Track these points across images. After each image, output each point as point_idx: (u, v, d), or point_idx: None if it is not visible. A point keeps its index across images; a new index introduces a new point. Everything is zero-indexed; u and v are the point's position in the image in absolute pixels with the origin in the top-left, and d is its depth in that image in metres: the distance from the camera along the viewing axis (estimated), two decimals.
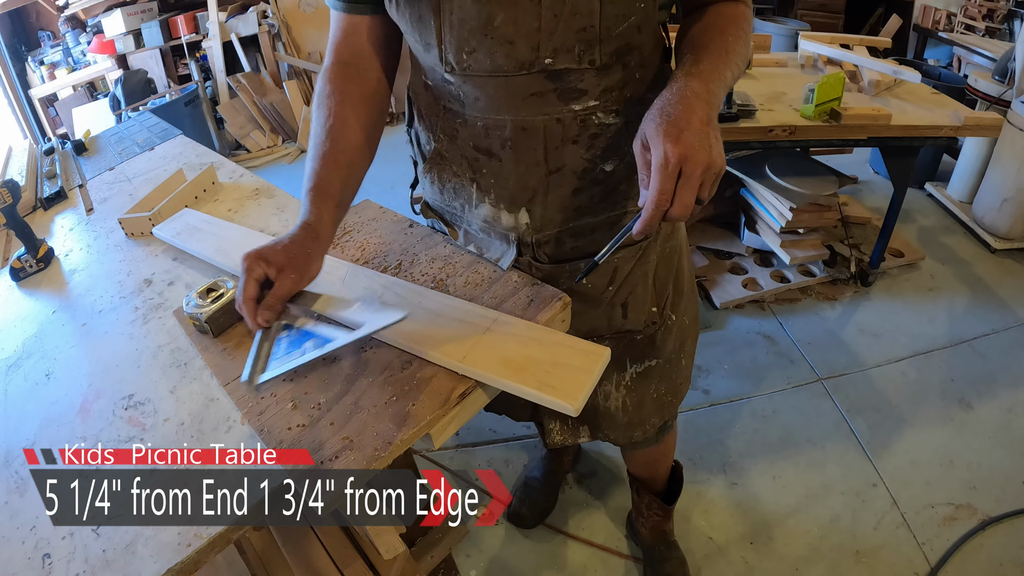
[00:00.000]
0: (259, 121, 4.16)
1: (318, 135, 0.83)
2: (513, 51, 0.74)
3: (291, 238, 0.77)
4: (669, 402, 1.11)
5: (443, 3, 0.73)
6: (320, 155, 0.81)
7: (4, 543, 0.73)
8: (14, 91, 4.32)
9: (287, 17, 4.35)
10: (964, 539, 1.57)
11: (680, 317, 1.06)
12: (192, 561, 0.67)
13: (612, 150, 0.84)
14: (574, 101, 0.79)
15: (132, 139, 1.80)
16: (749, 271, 2.49)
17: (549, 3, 0.70)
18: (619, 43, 0.75)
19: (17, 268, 1.22)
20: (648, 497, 1.47)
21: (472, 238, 0.98)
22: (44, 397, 0.93)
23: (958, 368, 2.06)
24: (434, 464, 1.86)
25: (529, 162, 0.84)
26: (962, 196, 2.82)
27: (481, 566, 1.60)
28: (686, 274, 1.07)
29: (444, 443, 0.88)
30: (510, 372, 0.74)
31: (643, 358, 1.03)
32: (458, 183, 0.92)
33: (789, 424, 1.91)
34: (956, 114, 2.01)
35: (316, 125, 0.84)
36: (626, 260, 0.92)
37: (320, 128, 0.83)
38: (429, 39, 0.77)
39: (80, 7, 4.16)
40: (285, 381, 0.81)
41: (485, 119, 0.82)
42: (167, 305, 1.05)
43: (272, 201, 1.34)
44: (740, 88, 2.10)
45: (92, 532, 0.71)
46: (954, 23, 3.82)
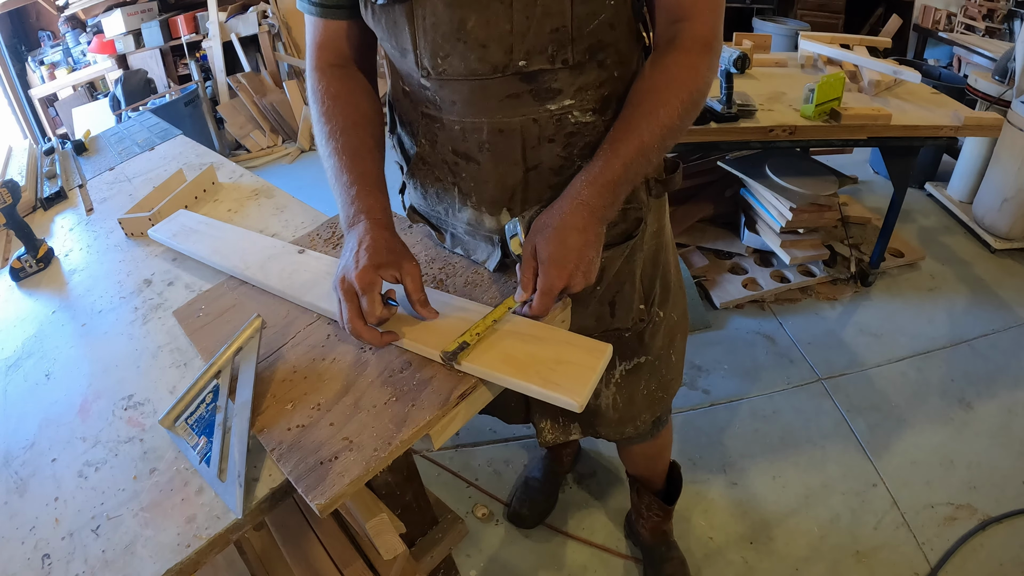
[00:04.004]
0: (259, 121, 4.16)
1: (335, 134, 0.84)
2: (486, 54, 0.74)
3: (373, 238, 0.77)
4: (660, 398, 1.12)
5: (416, 8, 0.74)
6: (347, 150, 0.83)
7: (3, 543, 0.73)
8: (14, 91, 4.32)
9: (287, 17, 4.35)
10: (964, 539, 1.57)
11: (668, 313, 1.06)
12: (192, 561, 0.67)
13: (589, 148, 0.84)
14: (549, 101, 0.79)
15: (132, 139, 1.80)
16: (749, 271, 2.49)
17: (520, 6, 0.71)
18: (591, 40, 0.76)
19: (17, 268, 1.22)
20: (648, 497, 1.47)
21: (459, 241, 0.99)
22: (44, 397, 0.92)
23: (958, 368, 2.06)
24: (434, 464, 1.86)
25: (507, 162, 0.84)
26: (962, 196, 2.82)
27: (481, 566, 1.60)
28: (673, 271, 1.07)
29: (444, 443, 0.87)
30: (513, 370, 0.74)
31: (632, 355, 1.04)
32: (440, 187, 0.93)
33: (789, 424, 1.91)
34: (956, 114, 2.01)
35: (329, 125, 0.85)
36: (613, 259, 0.92)
37: (335, 127, 0.84)
38: (404, 45, 0.78)
39: (80, 7, 4.16)
40: (284, 382, 0.81)
41: (462, 123, 0.82)
42: (167, 305, 1.05)
43: (272, 201, 1.34)
44: (740, 88, 2.10)
45: (92, 532, 0.71)
46: (954, 23, 3.82)
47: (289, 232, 1.21)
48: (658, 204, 0.97)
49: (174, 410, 0.81)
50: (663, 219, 1.00)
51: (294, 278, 0.97)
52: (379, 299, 0.76)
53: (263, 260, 1.03)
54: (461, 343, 0.76)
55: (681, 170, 0.95)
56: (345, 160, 0.83)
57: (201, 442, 0.76)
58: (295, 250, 1.04)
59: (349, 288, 0.76)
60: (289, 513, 1.11)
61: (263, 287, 0.98)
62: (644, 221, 0.93)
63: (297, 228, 1.22)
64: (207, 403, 0.80)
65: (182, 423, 0.80)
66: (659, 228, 0.99)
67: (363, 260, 0.75)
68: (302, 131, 4.07)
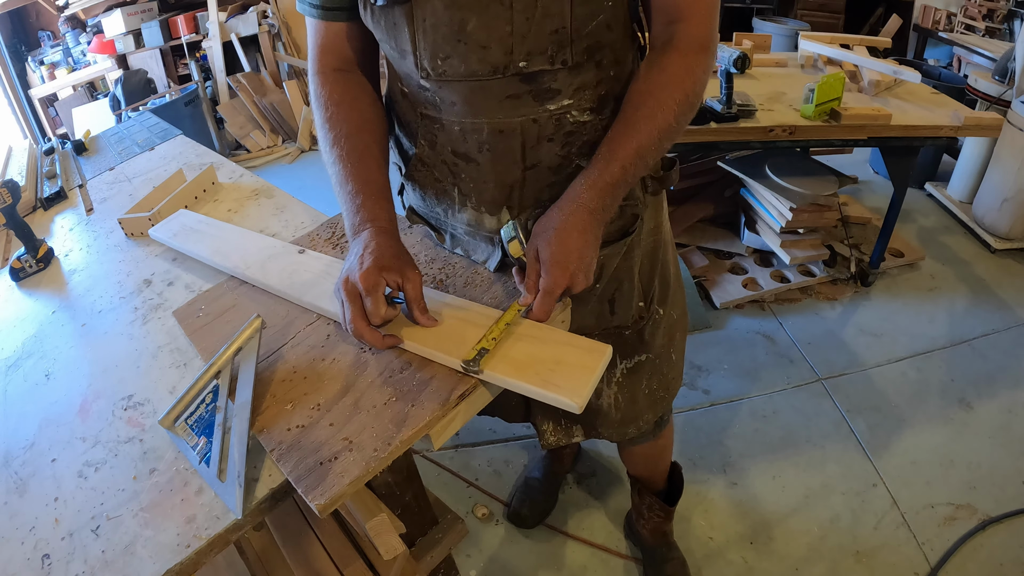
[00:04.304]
0: (259, 121, 4.16)
1: (338, 140, 0.84)
2: (487, 56, 0.75)
3: (378, 244, 0.78)
4: (661, 397, 1.12)
5: (416, 10, 0.74)
6: (352, 157, 0.83)
7: (3, 543, 0.73)
8: (14, 91, 4.32)
9: (287, 17, 4.35)
10: (964, 539, 1.57)
11: (668, 311, 1.07)
12: (191, 562, 0.67)
13: (587, 146, 0.84)
14: (548, 101, 0.80)
15: (132, 139, 1.80)
16: (749, 271, 2.49)
17: (521, 7, 0.71)
18: (589, 41, 0.76)
19: (17, 268, 1.22)
20: (649, 498, 1.47)
21: (458, 241, 0.99)
22: (43, 397, 0.92)
23: (958, 368, 2.06)
24: (434, 464, 1.86)
25: (506, 162, 0.84)
26: (962, 196, 2.82)
27: (481, 566, 1.60)
28: (671, 268, 1.07)
29: (444, 443, 0.87)
30: (513, 371, 0.74)
31: (632, 354, 1.04)
32: (439, 188, 0.93)
33: (789, 424, 1.91)
34: (956, 114, 2.01)
35: (334, 132, 0.85)
36: (611, 256, 0.93)
37: (339, 133, 0.85)
38: (404, 46, 0.78)
39: (80, 7, 4.16)
40: (284, 382, 0.81)
41: (462, 123, 0.83)
42: (167, 305, 1.05)
43: (272, 201, 1.34)
44: (740, 88, 2.10)
45: (92, 533, 0.71)
46: (954, 23, 3.82)
47: (289, 232, 1.21)
48: (655, 201, 0.97)
49: (174, 410, 0.81)
50: (660, 216, 1.01)
51: (294, 278, 0.97)
52: (383, 299, 0.76)
53: (263, 260, 1.03)
54: (480, 349, 0.76)
55: (678, 167, 0.96)
56: (350, 168, 0.83)
57: (201, 442, 0.76)
58: (295, 250, 1.04)
59: (352, 289, 0.76)
60: (289, 513, 1.11)
61: (263, 287, 0.98)
62: (641, 218, 0.93)
63: (297, 228, 1.22)
64: (207, 403, 0.80)
65: (182, 423, 0.80)
66: (656, 225, 0.99)
67: (367, 262, 0.76)
68: (302, 131, 4.06)
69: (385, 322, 0.78)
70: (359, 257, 0.77)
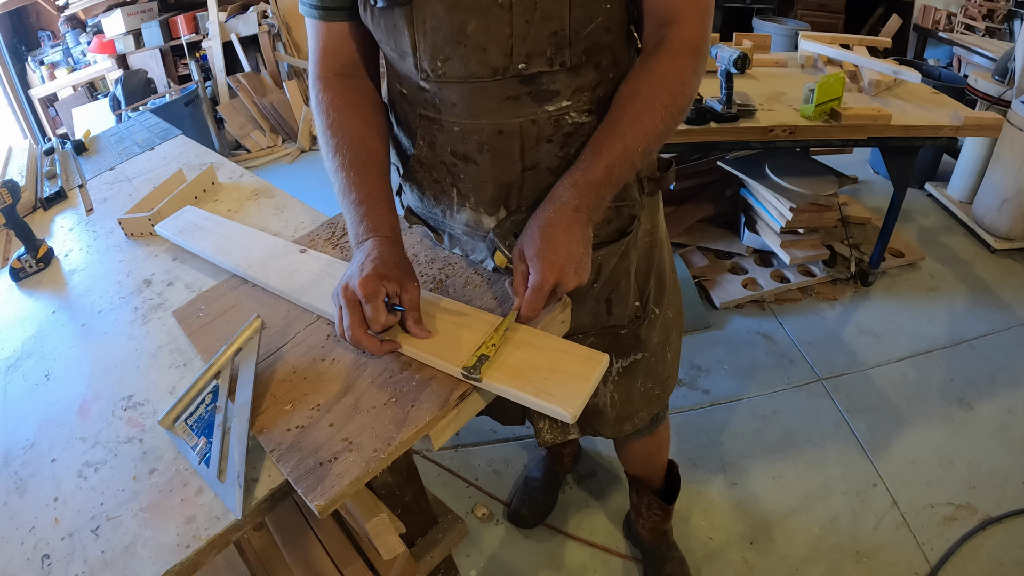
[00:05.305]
0: (259, 121, 4.16)
1: (340, 148, 0.84)
2: (487, 58, 0.75)
3: (380, 253, 0.78)
4: (657, 395, 1.12)
5: (416, 12, 0.74)
6: (354, 166, 0.83)
7: (3, 544, 0.73)
8: (14, 91, 4.32)
9: (287, 17, 4.35)
10: (964, 539, 1.57)
11: (664, 311, 1.07)
12: (191, 562, 0.67)
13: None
14: (547, 102, 0.80)
15: (132, 139, 1.80)
16: (749, 271, 2.49)
17: (520, 10, 0.71)
18: (588, 43, 0.77)
19: (17, 268, 1.22)
20: (648, 497, 1.47)
21: (457, 241, 0.99)
22: (43, 398, 0.92)
23: (958, 368, 2.06)
24: (434, 464, 1.86)
25: (506, 162, 0.85)
26: (962, 196, 2.82)
27: (481, 566, 1.60)
28: (667, 268, 1.07)
29: (444, 443, 0.87)
30: (508, 378, 0.74)
31: (628, 353, 1.04)
32: (438, 189, 0.93)
33: (789, 424, 1.91)
34: (956, 114, 2.01)
35: (335, 139, 0.85)
36: (609, 256, 0.93)
37: (341, 141, 0.84)
38: (404, 48, 0.78)
39: (80, 7, 4.16)
40: (283, 382, 0.81)
41: (462, 124, 0.83)
42: (167, 306, 1.05)
43: (272, 201, 1.34)
44: (740, 88, 2.10)
45: (91, 533, 0.71)
46: (954, 23, 3.82)
47: (289, 232, 1.21)
48: (651, 202, 0.97)
49: (173, 410, 0.81)
50: (657, 217, 1.01)
51: (294, 278, 0.97)
52: (383, 306, 0.76)
53: (265, 259, 1.03)
54: (480, 356, 0.75)
55: (674, 169, 0.96)
56: (353, 176, 0.83)
57: (201, 443, 0.76)
58: (296, 249, 1.04)
59: (352, 296, 0.76)
60: (289, 513, 1.11)
61: (263, 286, 0.98)
62: (637, 218, 0.93)
63: (297, 228, 1.22)
64: (207, 403, 0.80)
65: (181, 423, 0.80)
66: (653, 226, 1.00)
67: (367, 270, 0.76)
68: (302, 131, 4.06)
69: (384, 329, 0.78)
70: (360, 265, 0.77)
